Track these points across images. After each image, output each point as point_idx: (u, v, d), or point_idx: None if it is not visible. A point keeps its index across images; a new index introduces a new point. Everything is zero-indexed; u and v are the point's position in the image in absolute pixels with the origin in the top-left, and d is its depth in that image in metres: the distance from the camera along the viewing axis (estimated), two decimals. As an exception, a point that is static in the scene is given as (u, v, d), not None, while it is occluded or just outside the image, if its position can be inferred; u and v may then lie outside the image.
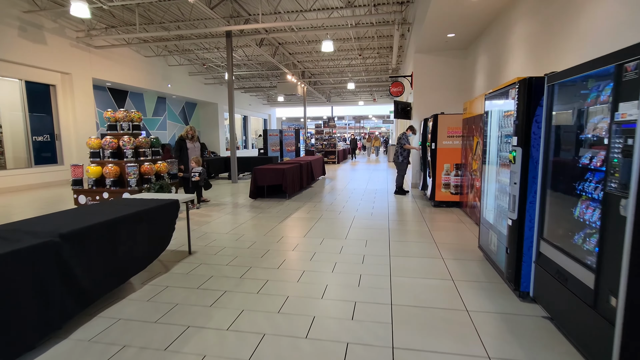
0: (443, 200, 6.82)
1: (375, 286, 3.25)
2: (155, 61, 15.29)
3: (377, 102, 28.48)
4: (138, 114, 6.24)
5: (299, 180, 8.76)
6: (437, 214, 6.35)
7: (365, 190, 9.25)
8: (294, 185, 8.35)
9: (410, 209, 6.74)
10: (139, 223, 3.17)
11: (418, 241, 4.64)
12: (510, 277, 2.95)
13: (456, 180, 6.70)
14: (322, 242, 4.64)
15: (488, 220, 3.84)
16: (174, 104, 18.70)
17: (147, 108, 16.61)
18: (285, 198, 8.03)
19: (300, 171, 8.93)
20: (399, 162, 8.25)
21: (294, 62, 17.20)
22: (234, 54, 15.41)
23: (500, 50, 6.19)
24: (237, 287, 3.25)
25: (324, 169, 12.14)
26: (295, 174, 8.44)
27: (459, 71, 8.92)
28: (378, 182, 10.70)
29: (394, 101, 9.51)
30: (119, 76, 13.34)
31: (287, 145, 15.45)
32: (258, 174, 7.79)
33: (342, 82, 22.02)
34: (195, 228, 5.40)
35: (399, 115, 9.60)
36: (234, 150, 10.79)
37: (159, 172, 6.28)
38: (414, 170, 9.50)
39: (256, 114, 28.22)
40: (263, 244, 4.61)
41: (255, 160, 12.65)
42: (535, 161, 2.74)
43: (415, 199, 7.90)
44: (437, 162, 6.74)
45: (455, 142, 6.64)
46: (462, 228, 5.32)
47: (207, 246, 4.51)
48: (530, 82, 2.72)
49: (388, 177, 11.98)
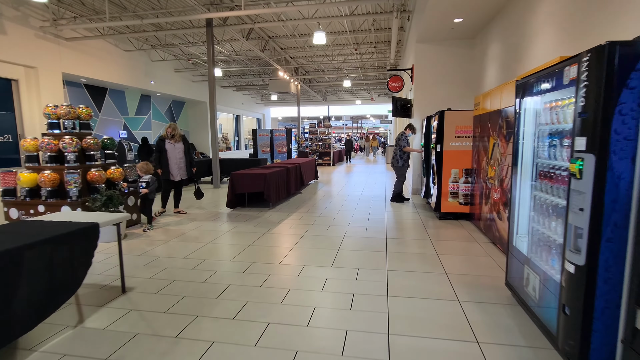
0: (450, 211, 5.82)
1: (367, 355, 2.24)
2: (136, 56, 14.24)
3: (375, 101, 27.49)
4: (87, 109, 5.21)
5: (285, 187, 7.74)
6: (443, 228, 5.35)
7: (361, 197, 8.24)
8: (279, 192, 7.33)
9: (412, 222, 5.73)
10: (21, 265, 2.14)
11: (424, 271, 3.63)
12: (571, 353, 1.94)
13: (466, 189, 5.70)
14: (301, 273, 3.62)
15: (520, 250, 2.84)
16: (160, 102, 17.65)
17: (129, 106, 15.55)
18: (269, 207, 7.01)
19: (287, 176, 7.91)
20: (399, 167, 7.25)
21: (286, 58, 16.18)
22: (221, 48, 14.40)
23: (519, 35, 5.19)
24: (164, 358, 2.23)
25: (316, 172, 11.13)
26: (281, 179, 7.42)
27: (465, 63, 7.92)
28: (375, 187, 9.70)
29: (392, 97, 8.52)
30: (94, 71, 12.29)
31: (278, 146, 14.43)
32: (236, 180, 6.77)
33: (338, 80, 21.02)
34: (147, 251, 4.37)
35: (398, 113, 8.60)
36: (216, 152, 9.77)
37: (112, 179, 5.25)
38: (415, 175, 8.49)
39: (249, 113, 27.19)
40: (225, 275, 3.59)
41: (242, 162, 11.62)
42: (617, 176, 1.74)
43: (417, 208, 6.90)
44: (444, 167, 5.74)
45: (464, 144, 5.64)
46: (476, 250, 4.32)
47: (152, 279, 3.48)
48: (612, 51, 1.71)
49: (386, 181, 10.98)
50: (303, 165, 9.42)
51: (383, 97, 27.35)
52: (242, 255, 4.15)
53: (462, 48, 7.90)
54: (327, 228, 5.42)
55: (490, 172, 4.58)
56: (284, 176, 7.65)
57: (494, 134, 4.45)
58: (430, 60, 8.09)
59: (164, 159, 6.00)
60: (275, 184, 7.07)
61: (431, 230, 5.23)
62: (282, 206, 7.16)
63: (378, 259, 4.00)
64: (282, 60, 16.13)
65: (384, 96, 27.21)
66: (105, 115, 14.20)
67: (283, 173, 7.61)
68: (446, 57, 8.01)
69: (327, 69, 18.65)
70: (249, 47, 13.81)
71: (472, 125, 5.56)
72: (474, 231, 5.18)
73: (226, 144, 24.23)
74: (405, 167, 7.29)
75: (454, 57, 7.97)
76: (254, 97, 27.11)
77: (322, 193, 8.88)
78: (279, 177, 7.28)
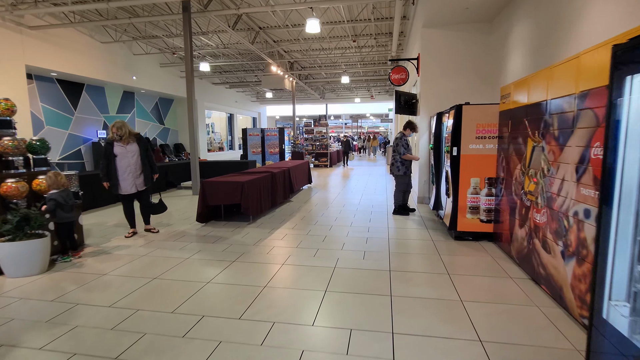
0: (469, 230, 4.68)
1: None
2: (115, 49, 13.09)
3: (376, 99, 26.33)
4: (6, 102, 4.06)
5: (269, 196, 6.60)
6: (462, 254, 4.21)
7: (359, 206, 7.11)
8: (262, 202, 6.19)
9: (421, 245, 4.59)
10: None
11: (448, 336, 2.49)
12: None
13: (489, 202, 4.56)
14: (268, 337, 2.48)
15: (617, 327, 1.70)
16: (145, 99, 16.50)
17: (109, 104, 14.40)
18: (249, 221, 5.88)
19: (272, 183, 6.77)
20: (400, 175, 6.13)
21: (279, 52, 15.03)
22: (208, 40, 13.25)
23: (557, 11, 4.05)
24: None
25: (309, 176, 9.99)
26: (263, 187, 6.28)
27: (481, 51, 6.78)
28: (375, 193, 8.56)
29: (395, 92, 7.37)
30: (67, 65, 11.15)
31: (270, 146, 13.29)
32: (208, 190, 5.63)
33: (336, 76, 19.87)
34: (64, 293, 3.23)
35: (402, 110, 7.46)
36: (195, 153, 8.62)
37: (41, 192, 4.11)
38: (421, 181, 7.35)
39: (244, 111, 26.04)
40: (155, 341, 2.45)
41: (228, 165, 10.48)
42: None
43: (426, 223, 5.76)
44: (461, 175, 4.60)
45: (487, 146, 4.50)
46: (513, 293, 3.17)
47: (44, 350, 2.34)
48: None
49: (387, 186, 9.84)
50: (294, 170, 8.28)
51: (383, 95, 26.20)
52: (191, 303, 3.01)
53: (477, 33, 6.75)
54: (314, 253, 4.28)
55: (529, 185, 3.44)
56: (267, 184, 6.51)
57: (535, 134, 3.31)
58: (439, 48, 6.94)
59: (112, 167, 4.85)
60: (257, 194, 5.93)
61: (447, 258, 4.09)
62: (265, 220, 6.02)
63: (380, 310, 2.86)
64: (275, 54, 14.98)
65: (385, 94, 26.06)
66: (82, 114, 13.05)
67: (267, 180, 6.47)
68: (458, 44, 6.87)
69: (324, 64, 17.50)
70: (238, 40, 12.68)
71: (497, 123, 4.41)
72: (503, 259, 4.04)
73: (219, 144, 23.10)
74: (408, 175, 6.16)
75: (467, 44, 6.83)
76: (249, 95, 25.95)
77: (315, 201, 7.74)
78: (261, 186, 6.14)
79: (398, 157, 6.08)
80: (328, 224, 5.68)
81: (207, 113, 21.92)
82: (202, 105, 19.40)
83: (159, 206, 5.36)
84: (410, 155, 6.05)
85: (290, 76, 16.94)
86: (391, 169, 6.23)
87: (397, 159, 6.09)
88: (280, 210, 6.83)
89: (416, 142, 7.80)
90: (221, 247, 4.54)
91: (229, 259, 4.11)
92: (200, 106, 19.29)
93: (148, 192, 5.20)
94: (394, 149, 6.14)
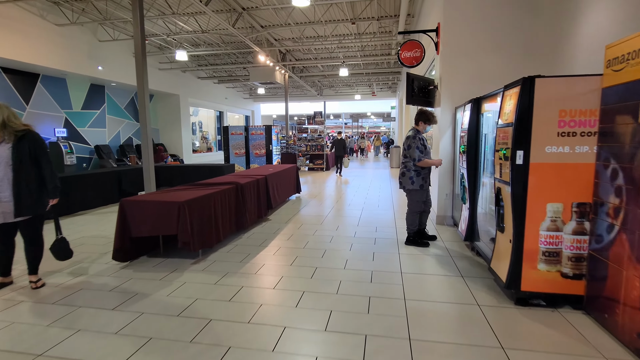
0: (540, 290, 2.79)
1: None
2: (75, 33, 11.23)
3: (378, 96, 24.45)
4: None
5: (231, 217, 4.72)
6: (537, 339, 2.32)
7: (358, 229, 5.23)
8: (217, 229, 4.30)
9: (461, 315, 2.71)
10: None
11: None
12: None
13: (579, 245, 2.68)
14: None
15: None
16: (118, 94, 14.64)
17: (73, 98, 12.54)
18: (196, 258, 4.01)
19: (238, 199, 4.90)
20: (413, 190, 4.26)
21: (268, 39, 13.16)
22: (183, 24, 11.38)
23: None
24: None
25: (297, 184, 8.12)
26: (220, 207, 4.40)
27: (528, 16, 4.90)
28: (379, 207, 6.68)
29: (406, 75, 5.48)
30: (10, 50, 9.30)
31: (255, 147, 11.40)
32: (130, 214, 3.74)
33: (334, 69, 17.99)
34: None
35: (414, 99, 5.58)
36: (149, 156, 6.74)
37: None
38: (440, 194, 5.47)
39: (235, 109, 24.17)
40: None
41: (199, 170, 8.60)
42: None
43: (457, 262, 3.87)
44: (530, 198, 2.71)
45: (578, 149, 2.62)
46: None
47: None
48: None
49: (393, 196, 7.95)
50: (274, 178, 6.40)
51: (386, 92, 24.34)
52: None
53: (521, -9, 4.88)
54: (275, 341, 2.39)
55: None
56: (228, 201, 4.63)
57: None
58: (468, 14, 5.07)
59: None
60: (206, 218, 4.05)
61: (511, 350, 2.20)
62: (220, 255, 4.15)
63: None
64: (263, 42, 13.12)
65: (387, 90, 24.19)
66: (36, 109, 11.18)
67: (226, 196, 4.59)
68: (494, 10, 4.99)
69: (319, 55, 15.62)
70: (218, 22, 10.81)
71: (597, 109, 2.54)
72: (615, 349, 2.15)
73: (207, 144, 21.25)
74: (425, 190, 4.27)
75: (507, 6, 4.95)
76: (240, 91, 24.09)
77: (299, 220, 5.86)
78: (215, 205, 4.26)
79: (411, 165, 4.19)
80: (311, 265, 3.80)
81: (193, 111, 20.07)
82: (185, 102, 17.53)
83: (58, 248, 3.46)
84: (429, 160, 4.17)
85: (281, 68, 15.08)
86: (401, 182, 4.33)
87: (410, 167, 4.20)
88: (248, 236, 4.95)
89: (432, 141, 5.93)
90: (123, 319, 2.66)
91: (125, 348, 2.24)
92: (184, 102, 17.43)
93: (33, 224, 3.29)
94: (405, 153, 4.26)
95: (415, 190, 4.23)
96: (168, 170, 8.69)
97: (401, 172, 4.32)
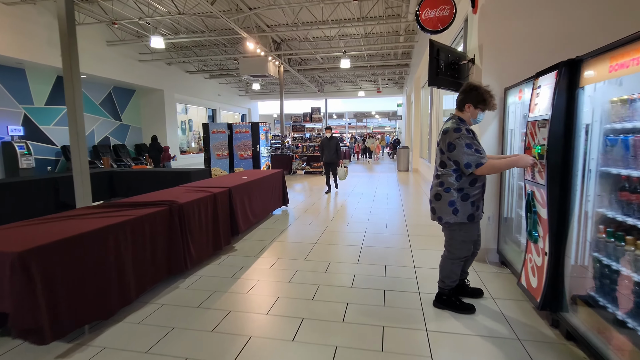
0: None
1: None
2: (30, 15, 9.64)
3: (383, 93, 22.69)
4: None
5: (159, 259, 3.03)
6: None
7: (357, 269, 3.52)
8: (126, 286, 2.61)
9: None
10: None
11: None
12: None
13: None
14: None
15: None
16: (92, 88, 13.04)
17: (34, 92, 10.94)
18: (84, 334, 2.32)
19: (172, 228, 3.19)
20: (454, 224, 2.52)
21: (259, 25, 11.49)
22: (156, 3, 9.74)
23: None
24: None
25: (284, 195, 6.43)
26: (127, 248, 2.69)
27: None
28: (388, 227, 4.96)
29: (429, 43, 3.76)
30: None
31: (240, 148, 9.71)
32: None
33: (335, 61, 16.26)
34: None
35: (438, 79, 3.85)
36: (79, 156, 5.07)
37: None
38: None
39: (230, 107, 22.54)
40: None
41: (160, 176, 6.92)
42: None
43: (532, 352, 2.13)
44: None
45: None
46: None
47: None
48: None
49: (405, 208, 6.21)
50: (243, 190, 4.71)
51: (391, 88, 22.58)
52: None
53: None
54: None
55: None
56: (150, 235, 2.93)
57: None
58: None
59: None
60: (96, 275, 2.35)
61: None
62: (120, 332, 2.46)
63: None
64: (252, 28, 11.44)
65: (393, 86, 22.44)
66: (-18, 103, 9.64)
67: (145, 228, 2.88)
68: None
69: (318, 45, 13.90)
70: (197, 1, 9.15)
71: None
72: None
73: (198, 145, 19.64)
74: (475, 222, 2.54)
75: None
76: (235, 88, 22.46)
77: (273, 254, 4.16)
78: (117, 247, 2.56)
79: (453, 180, 2.46)
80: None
81: (182, 108, 18.47)
82: (170, 98, 15.90)
83: None
84: (504, 162, 2.43)
85: (275, 59, 13.39)
86: (435, 209, 2.57)
87: (451, 184, 2.47)
88: (188, 286, 3.26)
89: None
90: None
91: None
92: (170, 98, 15.81)
93: None
94: (442, 160, 2.52)
95: (461, 225, 2.50)
96: (124, 176, 7.03)
97: (434, 192, 2.58)
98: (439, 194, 2.50)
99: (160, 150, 13.01)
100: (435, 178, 2.57)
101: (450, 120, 2.51)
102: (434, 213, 2.56)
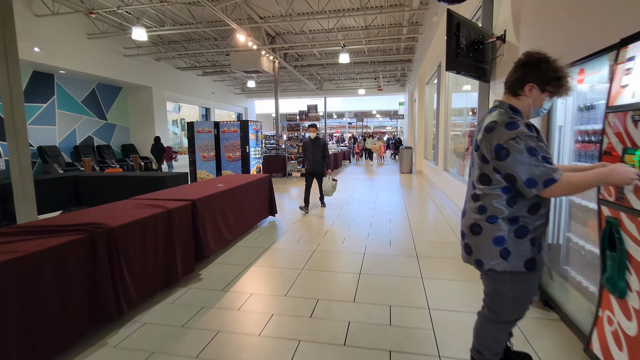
0: None
1: None
2: (-3, 3, 8.75)
3: (384, 91, 21.80)
4: None
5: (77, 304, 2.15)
6: None
7: (352, 314, 2.64)
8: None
9: None
10: None
11: None
12: None
13: None
14: None
15: None
16: (72, 84, 12.16)
17: (6, 88, 10.05)
18: None
19: (98, 264, 2.31)
20: (501, 273, 1.57)
21: (251, 16, 10.61)
22: (136, -10, 8.87)
23: None
24: None
25: (271, 204, 5.56)
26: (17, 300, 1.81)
27: None
28: (392, 246, 4.08)
29: (447, 15, 2.89)
30: None
31: (228, 149, 8.83)
32: None
33: (334, 57, 15.37)
34: None
35: (457, 62, 2.96)
36: (19, 157, 4.21)
37: None
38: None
39: (224, 105, 21.66)
40: None
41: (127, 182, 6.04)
42: None
43: None
44: None
45: None
46: None
47: None
48: None
49: (412, 221, 5.33)
50: (213, 202, 3.83)
51: (393, 86, 21.70)
52: None
53: None
54: None
55: None
56: (57, 281, 2.05)
57: None
58: None
59: None
60: None
61: None
62: None
63: None
64: (243, 19, 10.57)
65: (395, 84, 21.55)
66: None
67: (47, 261, 2.01)
68: None
69: (316, 39, 13.01)
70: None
71: None
72: None
73: (191, 144, 18.72)
74: (537, 272, 1.63)
75: None
76: (230, 86, 21.60)
77: (245, 289, 3.29)
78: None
79: (503, 202, 1.52)
80: None
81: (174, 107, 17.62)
82: (160, 95, 15.03)
83: None
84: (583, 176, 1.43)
85: (269, 53, 12.51)
86: (470, 246, 1.64)
87: (500, 207, 1.53)
88: (116, 344, 2.38)
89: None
90: None
91: None
92: (158, 96, 14.94)
93: None
94: (486, 172, 1.56)
95: (514, 275, 1.59)
96: (92, 182, 6.16)
97: (470, 222, 1.64)
98: (478, 224, 1.60)
99: (162, 151, 13.03)
100: (471, 200, 1.66)
101: (497, 110, 1.59)
102: (468, 253, 1.66)
